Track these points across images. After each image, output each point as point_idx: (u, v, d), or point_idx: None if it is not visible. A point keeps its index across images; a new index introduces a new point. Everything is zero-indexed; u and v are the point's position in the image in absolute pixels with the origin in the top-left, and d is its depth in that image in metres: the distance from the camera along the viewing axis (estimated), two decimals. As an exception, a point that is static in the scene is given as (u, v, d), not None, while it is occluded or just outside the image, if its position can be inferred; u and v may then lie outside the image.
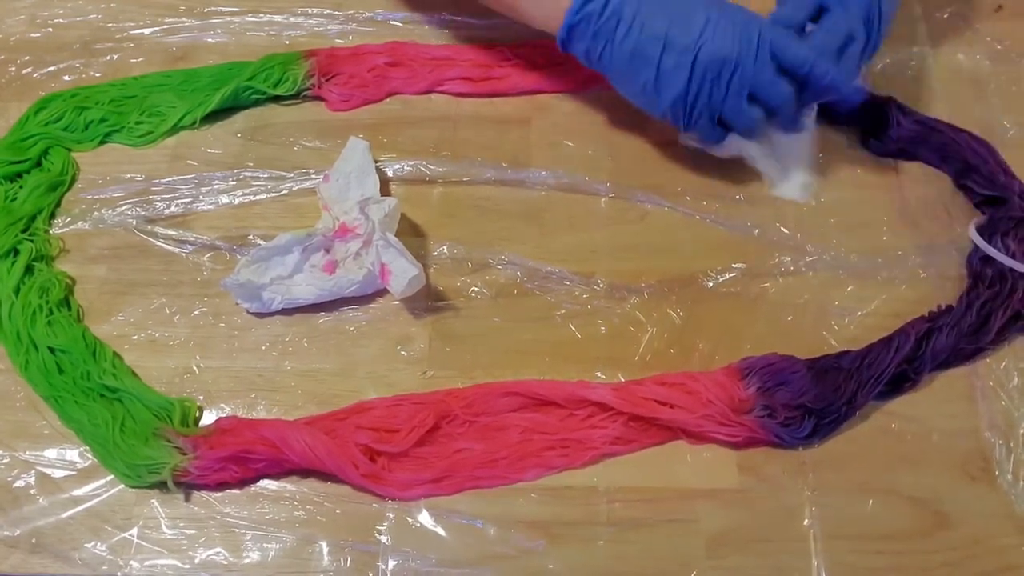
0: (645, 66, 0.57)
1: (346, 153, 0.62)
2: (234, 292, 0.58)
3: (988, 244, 0.57)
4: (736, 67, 0.55)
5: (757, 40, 0.55)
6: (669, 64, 0.56)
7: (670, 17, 0.56)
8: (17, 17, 0.76)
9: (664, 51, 0.56)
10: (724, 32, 0.55)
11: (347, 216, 0.59)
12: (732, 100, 0.56)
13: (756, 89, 0.56)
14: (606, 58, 0.58)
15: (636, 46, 0.57)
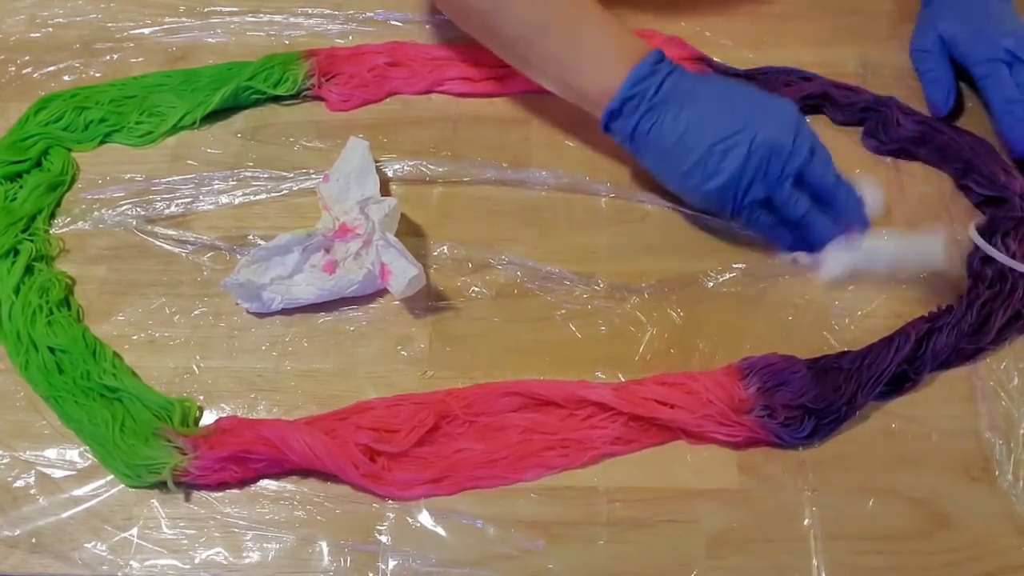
0: (694, 149, 0.56)
1: (346, 153, 0.62)
2: (234, 292, 0.58)
3: (988, 244, 0.57)
4: (788, 153, 0.55)
5: (804, 130, 0.57)
6: (721, 148, 0.56)
7: (722, 101, 0.57)
8: (17, 17, 0.76)
9: (717, 135, 0.56)
10: (775, 119, 0.56)
11: (347, 216, 0.59)
12: (782, 185, 0.56)
13: (808, 178, 0.56)
14: (654, 137, 0.57)
15: (687, 128, 0.56)
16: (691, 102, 0.57)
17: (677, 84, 0.57)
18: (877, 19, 0.72)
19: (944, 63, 0.65)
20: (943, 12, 0.66)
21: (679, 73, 0.58)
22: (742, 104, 0.57)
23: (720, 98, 0.57)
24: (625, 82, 0.57)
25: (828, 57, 0.69)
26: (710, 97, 0.57)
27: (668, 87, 0.57)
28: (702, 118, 0.56)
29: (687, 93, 0.57)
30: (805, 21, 0.72)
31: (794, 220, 0.57)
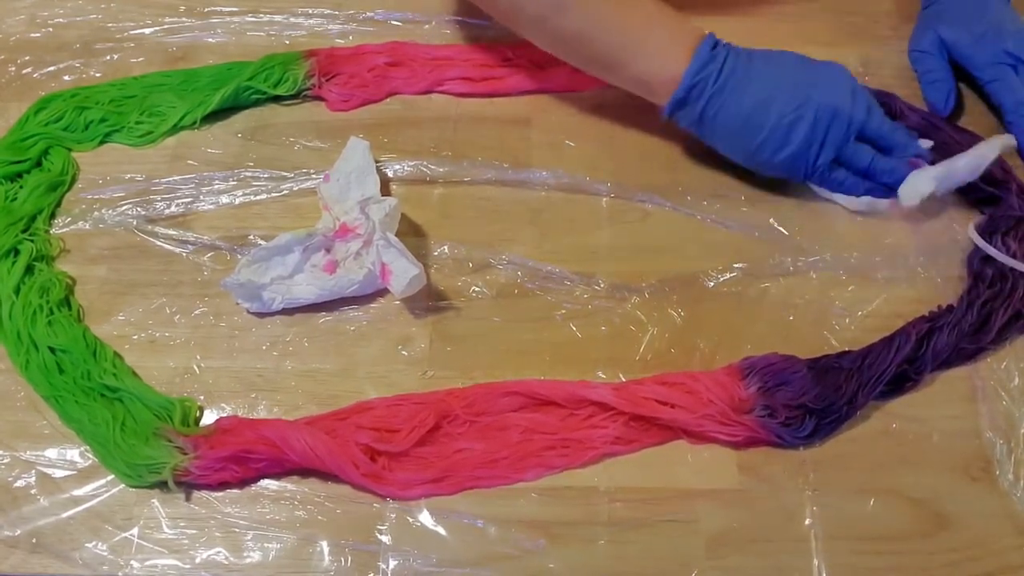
0: (762, 126, 0.59)
1: (347, 153, 0.62)
2: (234, 292, 0.58)
3: (988, 243, 0.57)
4: (848, 115, 0.58)
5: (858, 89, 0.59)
6: (787, 121, 0.58)
7: (781, 76, 0.59)
8: (17, 17, 0.76)
9: (782, 110, 0.58)
10: (832, 85, 0.59)
11: (347, 216, 0.59)
12: (849, 144, 0.59)
13: (867, 132, 0.59)
14: (721, 120, 0.60)
15: (753, 107, 0.59)
16: (752, 81, 0.59)
17: (736, 65, 0.59)
18: (877, 19, 0.72)
19: (943, 64, 0.65)
20: (944, 15, 0.66)
21: (735, 54, 0.60)
22: (800, 75, 0.59)
23: (778, 74, 0.59)
24: (688, 70, 0.59)
25: (829, 57, 0.68)
26: (768, 74, 0.59)
27: (728, 70, 0.59)
28: (765, 95, 0.59)
29: (746, 73, 0.59)
30: (805, 21, 0.72)
31: (863, 170, 0.60)
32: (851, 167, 0.60)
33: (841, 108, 0.58)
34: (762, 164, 0.61)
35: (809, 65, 0.60)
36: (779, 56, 0.61)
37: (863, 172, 0.60)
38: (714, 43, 0.60)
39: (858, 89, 0.59)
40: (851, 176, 0.60)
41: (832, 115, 0.58)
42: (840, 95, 0.58)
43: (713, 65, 0.59)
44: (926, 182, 0.58)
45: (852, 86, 0.59)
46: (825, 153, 0.59)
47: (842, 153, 0.59)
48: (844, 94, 0.58)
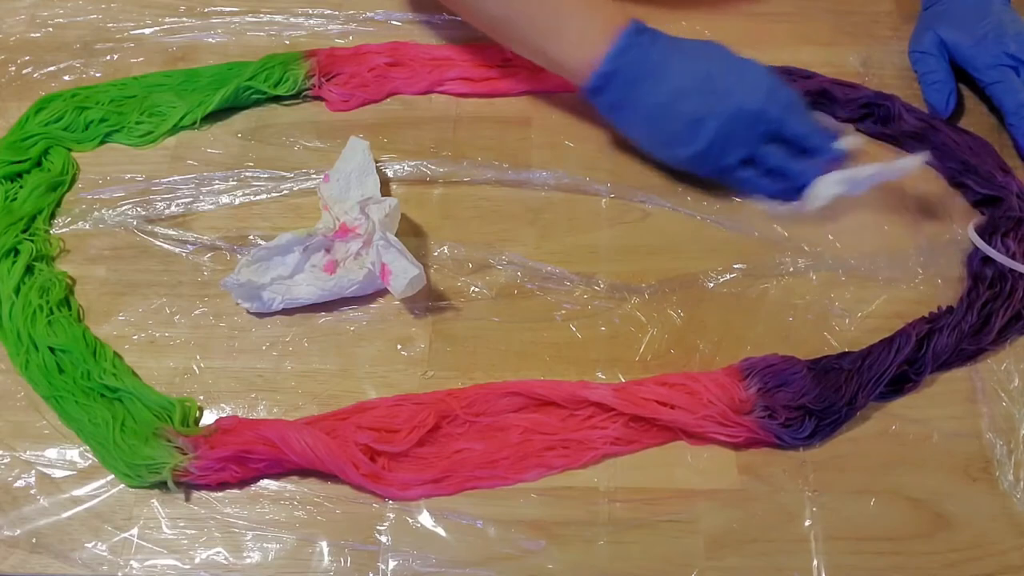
0: (672, 120, 0.59)
1: (346, 153, 0.62)
2: (234, 292, 0.58)
3: (988, 244, 0.57)
4: (757, 117, 0.58)
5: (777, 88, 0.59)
6: (697, 118, 0.58)
7: (696, 72, 0.59)
8: (17, 17, 0.76)
9: (691, 107, 0.58)
10: (745, 86, 0.58)
11: (347, 216, 0.59)
12: (757, 145, 0.59)
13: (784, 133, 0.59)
14: (632, 110, 0.60)
15: (664, 100, 0.59)
16: (667, 73, 0.59)
17: (653, 57, 0.59)
18: (878, 19, 0.72)
19: (943, 65, 0.65)
20: (944, 16, 0.66)
21: (657, 43, 0.60)
22: (716, 71, 0.59)
23: (695, 68, 0.59)
24: (605, 57, 0.59)
25: (829, 57, 0.69)
26: (685, 68, 0.59)
27: (646, 60, 0.59)
28: (677, 89, 0.58)
29: (663, 65, 0.59)
30: (805, 21, 0.72)
31: (774, 169, 0.60)
32: (762, 168, 0.60)
33: (751, 107, 0.58)
34: (670, 158, 0.62)
35: (728, 61, 0.60)
36: (702, 49, 0.61)
37: (777, 172, 0.60)
38: (637, 30, 0.59)
39: (776, 89, 0.59)
40: (762, 177, 0.60)
41: (741, 114, 0.58)
42: (754, 94, 0.58)
43: (632, 53, 0.59)
44: (830, 186, 0.58)
45: (769, 85, 0.59)
46: (732, 152, 0.59)
47: (753, 154, 0.59)
48: (758, 93, 0.58)
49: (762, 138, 0.59)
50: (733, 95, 0.58)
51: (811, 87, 0.66)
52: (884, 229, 0.61)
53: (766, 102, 0.58)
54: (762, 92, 0.58)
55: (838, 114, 0.66)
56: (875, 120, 0.65)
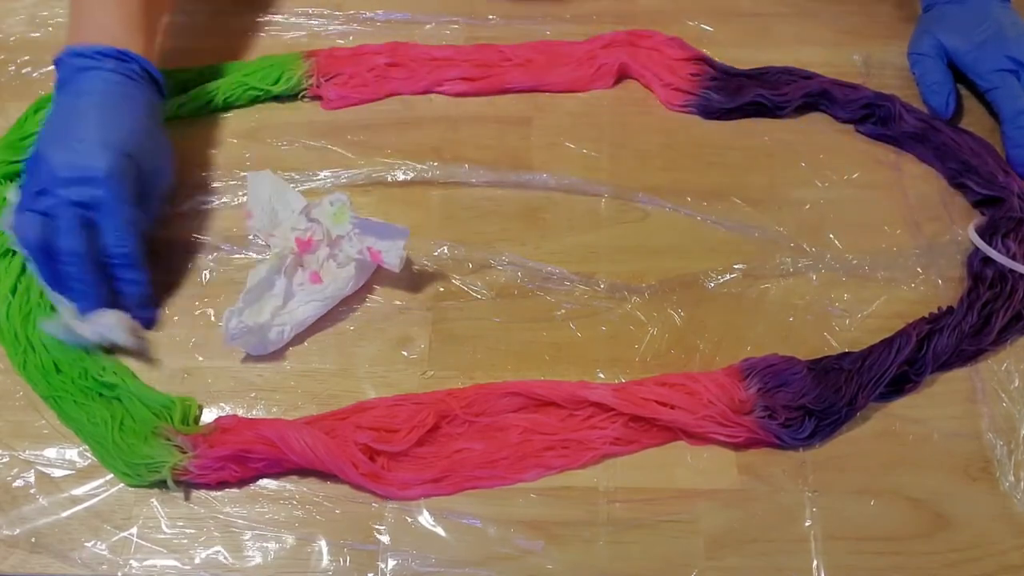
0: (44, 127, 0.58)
1: (252, 188, 0.61)
2: (242, 343, 0.56)
3: (988, 245, 0.57)
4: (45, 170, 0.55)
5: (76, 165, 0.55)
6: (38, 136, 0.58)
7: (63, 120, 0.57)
8: (17, 17, 0.76)
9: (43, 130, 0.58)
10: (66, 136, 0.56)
11: (296, 232, 0.58)
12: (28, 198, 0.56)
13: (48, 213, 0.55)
14: (54, 102, 0.59)
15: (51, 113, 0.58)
16: (64, 102, 0.58)
17: (79, 82, 0.57)
18: (878, 19, 0.72)
19: (942, 67, 0.65)
20: (944, 19, 0.66)
21: (88, 76, 0.57)
22: (66, 125, 0.57)
23: (66, 109, 0.57)
24: (64, 50, 0.58)
25: (830, 57, 0.69)
26: (66, 109, 0.57)
27: (78, 78, 0.57)
28: (52, 114, 0.58)
29: (70, 96, 0.57)
30: (806, 21, 0.72)
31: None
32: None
33: (44, 159, 0.55)
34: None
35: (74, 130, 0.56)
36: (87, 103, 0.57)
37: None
38: (90, 53, 0.58)
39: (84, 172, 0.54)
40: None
41: (42, 160, 0.55)
42: (55, 156, 0.55)
43: (73, 62, 0.57)
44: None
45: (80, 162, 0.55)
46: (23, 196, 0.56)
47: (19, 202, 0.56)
48: (58, 158, 0.55)
49: (50, 207, 0.54)
50: (52, 142, 0.56)
51: (811, 88, 0.66)
52: (884, 229, 0.61)
53: (62, 170, 0.54)
54: (71, 162, 0.54)
55: (838, 115, 0.66)
56: (875, 121, 0.65)
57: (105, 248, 0.55)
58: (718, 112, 0.66)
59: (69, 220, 0.54)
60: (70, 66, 0.58)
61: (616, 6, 0.73)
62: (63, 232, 0.54)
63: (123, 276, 0.56)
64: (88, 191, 0.54)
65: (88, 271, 0.55)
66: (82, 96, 0.57)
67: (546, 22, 0.72)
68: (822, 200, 0.62)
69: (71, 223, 0.54)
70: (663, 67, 0.68)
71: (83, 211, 0.54)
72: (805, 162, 0.64)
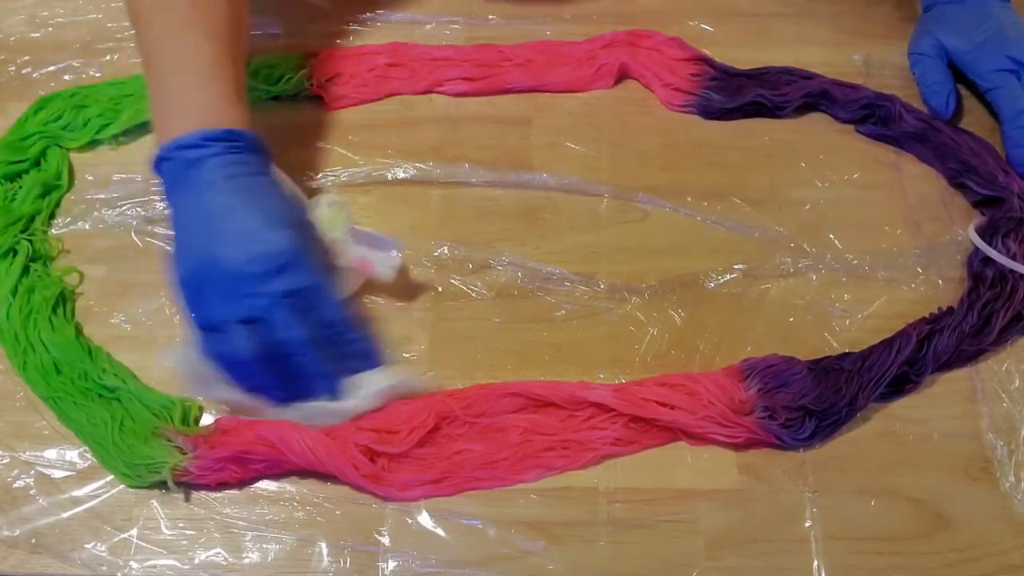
0: (177, 238, 0.52)
1: None
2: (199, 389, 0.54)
3: (988, 245, 0.57)
4: (240, 284, 0.49)
5: (285, 268, 0.49)
6: (178, 250, 0.52)
7: (202, 213, 0.51)
8: (17, 17, 0.76)
9: (183, 236, 0.52)
10: (245, 242, 0.50)
11: None
12: (223, 317, 0.50)
13: (256, 318, 0.49)
14: (174, 206, 0.53)
15: (179, 217, 0.52)
16: (191, 203, 0.52)
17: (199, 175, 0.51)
18: (879, 19, 0.72)
19: (942, 67, 0.65)
20: (944, 19, 0.66)
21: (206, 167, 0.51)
22: (222, 215, 0.51)
23: (202, 209, 0.51)
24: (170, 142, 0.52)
25: (830, 57, 0.69)
26: (199, 203, 0.51)
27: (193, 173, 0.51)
28: (188, 212, 0.52)
29: (195, 194, 0.51)
30: (806, 21, 0.72)
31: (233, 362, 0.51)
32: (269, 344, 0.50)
33: (233, 274, 0.49)
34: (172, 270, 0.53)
35: (247, 214, 0.51)
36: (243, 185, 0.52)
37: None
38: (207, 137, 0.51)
39: (294, 275, 0.49)
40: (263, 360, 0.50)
41: (218, 275, 0.49)
42: (248, 260, 0.49)
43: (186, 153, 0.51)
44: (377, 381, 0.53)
45: (285, 261, 0.49)
46: (208, 309, 0.50)
47: (218, 328, 0.50)
48: (256, 262, 0.49)
49: (234, 318, 0.49)
50: (214, 244, 0.49)
51: (812, 88, 0.66)
52: (884, 229, 0.61)
53: (262, 276, 0.49)
54: (264, 262, 0.49)
55: (838, 115, 0.66)
56: (875, 121, 0.65)
57: (325, 322, 0.51)
58: (718, 112, 0.66)
59: (285, 312, 0.49)
60: (180, 161, 0.52)
61: (616, 6, 0.73)
62: (283, 326, 0.49)
63: (351, 339, 0.53)
64: (288, 277, 0.49)
65: (318, 355, 0.51)
66: (212, 189, 0.51)
67: (546, 22, 0.72)
68: (822, 200, 0.62)
69: (288, 314, 0.49)
70: (663, 67, 0.68)
71: (292, 299, 0.49)
72: (805, 162, 0.64)
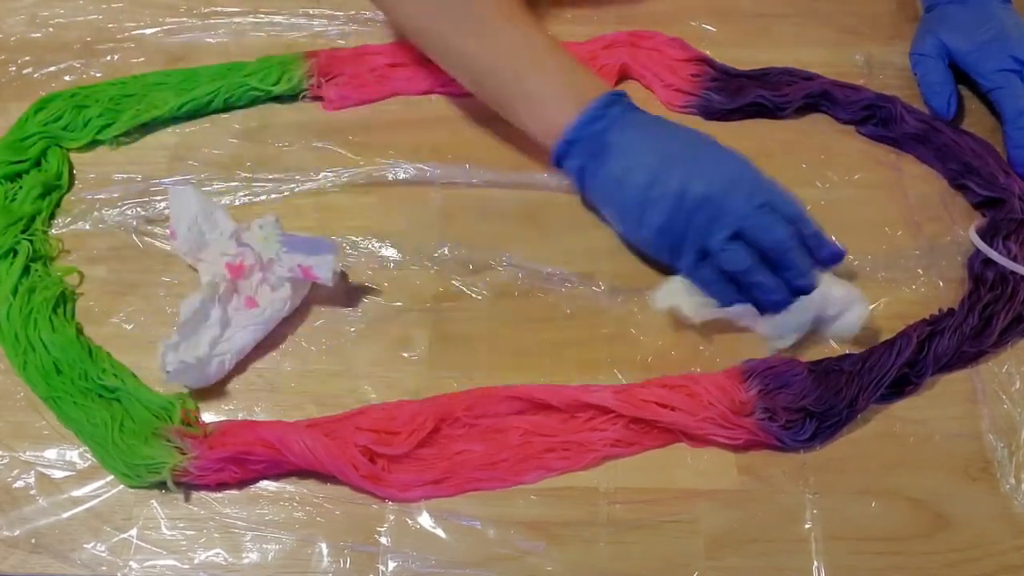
0: (629, 198, 0.56)
1: (176, 203, 0.60)
2: (182, 380, 0.55)
3: (989, 246, 0.57)
4: (718, 209, 0.54)
5: (758, 188, 0.54)
6: (652, 199, 0.55)
7: (664, 152, 0.56)
8: (17, 17, 0.76)
9: (649, 186, 0.55)
10: (713, 173, 0.54)
11: (226, 257, 0.57)
12: (716, 237, 0.54)
13: (744, 230, 0.54)
14: (597, 182, 0.58)
15: (625, 176, 0.56)
16: (633, 151, 0.56)
17: (623, 130, 0.56)
18: (880, 19, 0.72)
19: (943, 68, 0.65)
20: (946, 20, 0.66)
21: (628, 117, 0.57)
22: (682, 155, 0.55)
23: (662, 149, 0.56)
24: (574, 124, 0.57)
25: (830, 57, 0.69)
26: (652, 148, 0.56)
27: (614, 133, 0.56)
28: (639, 168, 0.55)
29: (632, 141, 0.56)
30: (806, 21, 0.72)
31: (734, 276, 0.55)
32: (718, 270, 0.55)
33: (712, 200, 0.53)
34: (629, 237, 0.60)
35: (700, 149, 0.56)
36: (675, 132, 0.58)
37: (737, 280, 0.55)
38: (610, 101, 0.57)
39: (747, 187, 0.54)
40: (721, 282, 0.55)
41: (696, 205, 0.54)
42: (717, 187, 0.53)
43: (597, 125, 0.56)
44: (779, 331, 0.55)
45: (739, 181, 0.54)
46: (688, 243, 0.55)
47: (710, 249, 0.54)
48: (722, 186, 0.53)
49: (718, 234, 0.54)
50: (695, 178, 0.54)
51: (812, 89, 0.66)
52: (885, 230, 0.61)
53: (732, 193, 0.53)
54: (727, 182, 0.54)
55: (839, 116, 0.66)
56: (876, 122, 0.65)
57: (792, 216, 0.54)
58: (719, 113, 0.66)
59: (767, 217, 0.53)
60: (594, 131, 0.56)
61: (617, 7, 0.73)
62: (769, 227, 0.53)
63: (814, 231, 0.55)
64: (758, 190, 0.54)
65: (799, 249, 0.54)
66: (655, 127, 0.57)
67: (547, 22, 0.72)
68: (823, 201, 0.62)
69: (769, 218, 0.53)
70: (664, 68, 0.68)
71: (767, 207, 0.53)
72: (806, 163, 0.64)
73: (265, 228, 0.57)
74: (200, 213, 0.59)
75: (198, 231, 0.59)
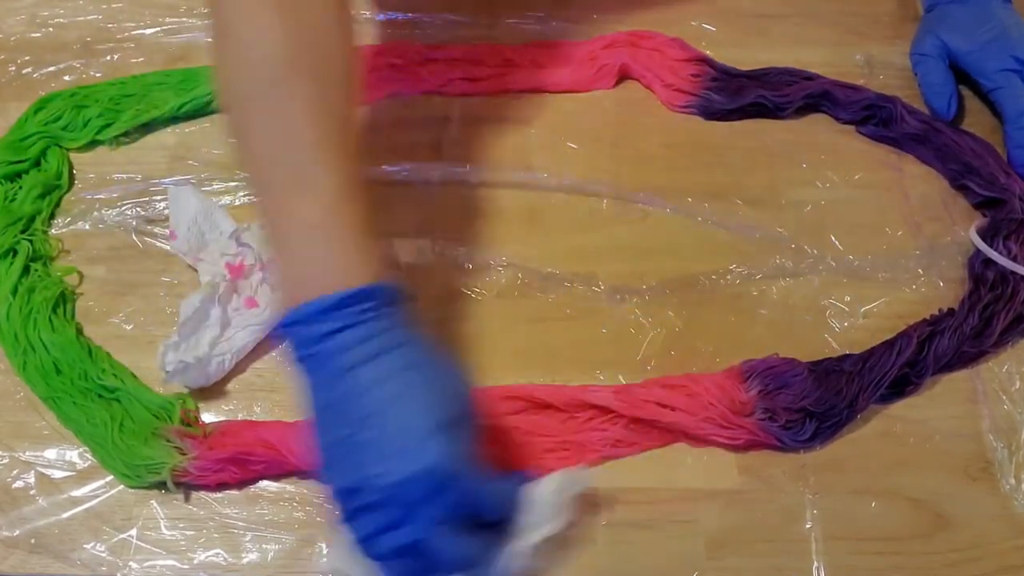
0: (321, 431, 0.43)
1: (175, 203, 0.60)
2: (182, 380, 0.54)
3: (989, 247, 0.57)
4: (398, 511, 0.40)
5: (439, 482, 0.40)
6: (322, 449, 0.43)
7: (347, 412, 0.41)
8: (17, 17, 0.76)
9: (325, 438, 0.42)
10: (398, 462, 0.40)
11: (226, 257, 0.57)
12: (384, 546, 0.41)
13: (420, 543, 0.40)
14: (312, 381, 0.43)
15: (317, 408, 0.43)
16: (331, 391, 0.42)
17: (333, 356, 0.41)
18: (880, 19, 0.72)
19: (944, 68, 0.65)
20: (947, 20, 0.66)
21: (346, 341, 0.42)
22: (364, 427, 0.41)
23: (343, 407, 0.41)
24: (302, 306, 0.42)
25: (831, 57, 0.69)
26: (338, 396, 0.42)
27: (325, 350, 0.42)
28: (322, 411, 0.43)
29: (332, 381, 0.42)
30: (806, 21, 0.72)
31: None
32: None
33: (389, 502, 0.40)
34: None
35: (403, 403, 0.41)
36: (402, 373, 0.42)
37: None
38: (364, 296, 0.42)
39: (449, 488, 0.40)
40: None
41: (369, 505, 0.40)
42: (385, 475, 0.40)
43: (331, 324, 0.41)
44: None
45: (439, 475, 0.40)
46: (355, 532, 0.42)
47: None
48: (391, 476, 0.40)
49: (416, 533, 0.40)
50: (365, 455, 0.41)
51: (813, 89, 0.66)
52: (885, 230, 0.61)
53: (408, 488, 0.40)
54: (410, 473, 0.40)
55: (840, 116, 0.66)
56: (877, 122, 0.65)
57: (485, 524, 0.43)
58: (719, 113, 0.66)
59: (446, 534, 0.40)
60: (307, 335, 0.42)
61: (618, 7, 0.73)
62: (443, 547, 0.41)
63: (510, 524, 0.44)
64: (448, 495, 0.40)
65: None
66: (353, 379, 0.41)
67: (547, 22, 0.72)
68: (823, 201, 0.62)
69: (448, 535, 0.41)
70: (664, 68, 0.68)
71: (453, 520, 0.41)
72: (806, 163, 0.64)
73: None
74: (200, 213, 0.59)
75: (198, 231, 0.59)
